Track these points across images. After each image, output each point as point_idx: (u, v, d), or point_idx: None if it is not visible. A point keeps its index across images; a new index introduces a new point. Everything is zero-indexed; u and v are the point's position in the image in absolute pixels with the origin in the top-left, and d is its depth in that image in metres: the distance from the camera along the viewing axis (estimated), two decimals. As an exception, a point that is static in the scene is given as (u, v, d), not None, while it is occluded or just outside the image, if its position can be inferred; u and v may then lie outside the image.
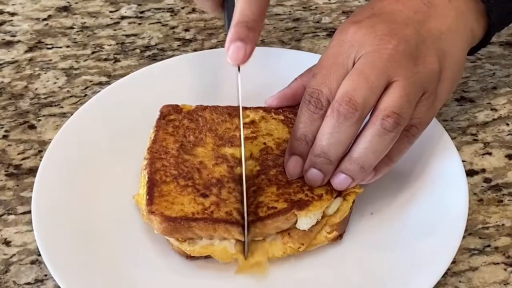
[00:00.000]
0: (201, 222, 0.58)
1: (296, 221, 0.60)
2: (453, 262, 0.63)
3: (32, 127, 0.76)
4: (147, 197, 0.60)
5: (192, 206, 0.59)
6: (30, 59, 0.84)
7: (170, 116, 0.68)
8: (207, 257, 0.60)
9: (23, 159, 0.73)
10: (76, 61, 0.84)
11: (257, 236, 0.59)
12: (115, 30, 0.88)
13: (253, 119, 0.68)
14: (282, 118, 0.68)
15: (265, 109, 0.69)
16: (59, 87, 0.81)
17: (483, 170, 0.72)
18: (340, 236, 0.63)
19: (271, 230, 0.59)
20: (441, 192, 0.65)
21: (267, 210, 0.59)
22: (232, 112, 0.69)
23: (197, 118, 0.68)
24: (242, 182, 0.60)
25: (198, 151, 0.65)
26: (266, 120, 0.68)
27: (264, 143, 0.65)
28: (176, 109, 0.69)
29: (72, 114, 0.72)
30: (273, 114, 0.68)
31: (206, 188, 0.61)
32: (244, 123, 0.68)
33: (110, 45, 0.86)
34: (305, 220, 0.59)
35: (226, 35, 0.60)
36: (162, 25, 0.89)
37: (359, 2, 0.92)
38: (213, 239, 0.59)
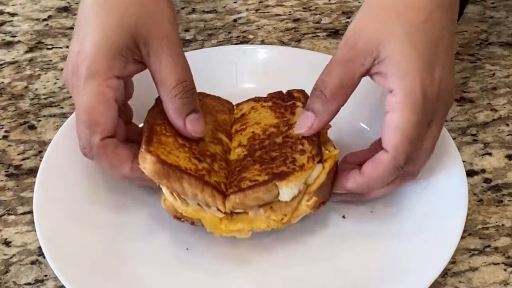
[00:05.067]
0: (193, 178, 0.58)
1: (278, 193, 0.59)
2: (453, 262, 0.63)
3: (32, 127, 0.76)
4: (146, 139, 0.59)
5: (186, 163, 0.59)
6: (30, 60, 0.84)
7: None
8: (192, 223, 0.60)
9: (23, 159, 0.73)
10: (76, 61, 0.84)
11: (237, 207, 0.59)
12: (115, 30, 0.88)
13: (243, 113, 0.69)
14: (271, 104, 0.68)
15: (255, 99, 0.70)
16: (59, 87, 0.81)
17: (483, 171, 0.72)
18: (323, 203, 0.62)
19: (252, 202, 0.59)
20: (441, 192, 0.65)
21: (249, 183, 0.59)
22: (231, 109, 0.70)
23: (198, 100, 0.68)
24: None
25: None
26: (255, 110, 0.69)
27: (252, 132, 0.66)
28: None
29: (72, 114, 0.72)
30: (262, 102, 0.69)
31: (201, 155, 0.61)
32: (235, 119, 0.69)
33: (110, 45, 0.86)
34: (286, 191, 0.59)
35: None
36: (162, 26, 0.89)
37: (359, 2, 0.92)
38: (196, 199, 0.59)
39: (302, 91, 0.69)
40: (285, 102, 0.68)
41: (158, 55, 0.59)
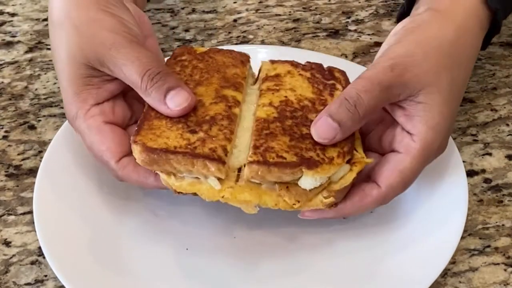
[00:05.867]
0: (180, 155, 0.57)
1: (300, 177, 0.57)
2: (453, 262, 0.64)
3: (32, 127, 0.76)
4: (136, 129, 0.60)
5: (177, 140, 0.58)
6: (30, 60, 0.84)
7: (182, 56, 0.67)
8: (195, 194, 0.59)
9: (23, 159, 0.73)
10: (76, 61, 0.84)
11: (256, 178, 0.57)
12: (115, 30, 0.88)
13: (278, 73, 0.66)
14: (309, 76, 0.66)
15: (292, 64, 0.67)
16: (59, 87, 0.80)
17: (483, 171, 0.72)
18: (335, 204, 0.60)
19: (272, 178, 0.57)
20: (441, 192, 0.65)
21: (275, 157, 0.57)
22: (245, 60, 0.68)
23: (207, 59, 0.67)
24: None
25: (199, 90, 0.63)
26: (292, 75, 0.66)
27: (285, 96, 0.63)
28: (190, 51, 0.68)
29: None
30: (300, 70, 0.66)
31: (197, 125, 0.60)
32: (268, 76, 0.66)
33: (110, 45, 0.86)
34: (310, 180, 0.57)
35: None
36: (162, 26, 0.89)
37: (359, 2, 0.92)
38: (192, 174, 0.58)
39: (343, 73, 0.66)
40: (326, 79, 0.65)
41: (115, 65, 0.60)
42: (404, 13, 0.70)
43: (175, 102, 0.59)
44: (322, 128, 0.58)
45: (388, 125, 0.62)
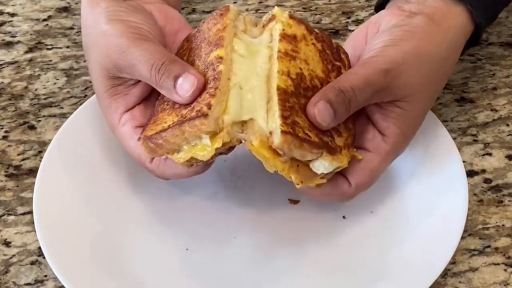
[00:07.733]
0: (169, 129, 0.57)
1: (314, 159, 0.58)
2: (453, 262, 0.64)
3: (32, 127, 0.76)
4: (144, 128, 0.61)
5: (172, 120, 0.58)
6: (30, 60, 0.84)
7: (182, 48, 0.67)
8: (204, 162, 0.59)
9: (23, 159, 0.73)
10: (76, 61, 0.84)
11: (283, 148, 0.56)
12: (115, 30, 0.88)
13: (295, 34, 0.64)
14: (320, 48, 0.65)
15: (307, 28, 0.66)
16: (59, 87, 0.81)
17: (483, 171, 0.72)
18: (319, 185, 0.60)
19: (297, 153, 0.57)
20: (441, 192, 0.65)
21: (302, 134, 0.57)
22: (224, 12, 0.65)
23: (197, 35, 0.66)
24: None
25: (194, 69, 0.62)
26: (306, 43, 0.64)
27: (300, 69, 0.62)
28: (187, 38, 0.67)
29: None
30: (313, 38, 0.65)
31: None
32: (285, 34, 0.64)
33: (110, 45, 0.86)
34: (326, 165, 0.58)
35: None
36: (162, 26, 0.89)
37: (359, 2, 0.92)
38: (190, 142, 0.58)
39: (347, 55, 0.66)
40: (334, 58, 0.65)
41: (130, 67, 0.61)
42: (383, 3, 0.70)
43: (184, 89, 0.59)
44: (323, 112, 0.58)
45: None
